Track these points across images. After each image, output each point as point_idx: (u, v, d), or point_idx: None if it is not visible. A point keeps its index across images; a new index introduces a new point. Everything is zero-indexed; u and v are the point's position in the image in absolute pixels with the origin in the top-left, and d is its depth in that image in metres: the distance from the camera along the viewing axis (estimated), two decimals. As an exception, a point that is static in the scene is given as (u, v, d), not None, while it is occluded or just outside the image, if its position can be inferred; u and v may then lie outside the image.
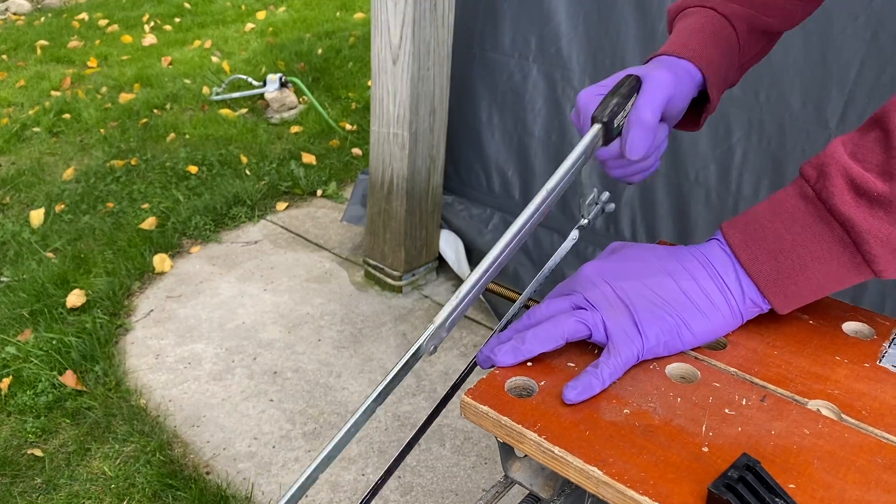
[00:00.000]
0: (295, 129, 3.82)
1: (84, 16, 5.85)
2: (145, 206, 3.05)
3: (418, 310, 2.52)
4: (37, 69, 4.68)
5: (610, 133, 0.73)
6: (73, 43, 5.20)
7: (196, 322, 2.42)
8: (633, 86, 0.74)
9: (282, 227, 2.99)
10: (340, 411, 2.08)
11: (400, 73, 2.27)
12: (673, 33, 0.85)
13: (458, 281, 2.64)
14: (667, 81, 0.74)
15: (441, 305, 2.53)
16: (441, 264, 2.69)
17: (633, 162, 0.78)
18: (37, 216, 2.96)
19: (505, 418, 0.62)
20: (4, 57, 4.95)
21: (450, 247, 2.64)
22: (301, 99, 4.12)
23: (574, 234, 0.87)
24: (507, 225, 2.56)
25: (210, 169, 3.37)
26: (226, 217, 3.00)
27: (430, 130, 2.40)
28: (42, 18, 5.93)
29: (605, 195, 0.87)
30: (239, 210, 3.04)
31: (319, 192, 3.22)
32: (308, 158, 3.46)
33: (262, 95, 4.08)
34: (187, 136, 3.73)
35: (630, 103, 0.74)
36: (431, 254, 2.64)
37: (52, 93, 4.28)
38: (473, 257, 2.65)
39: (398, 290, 2.58)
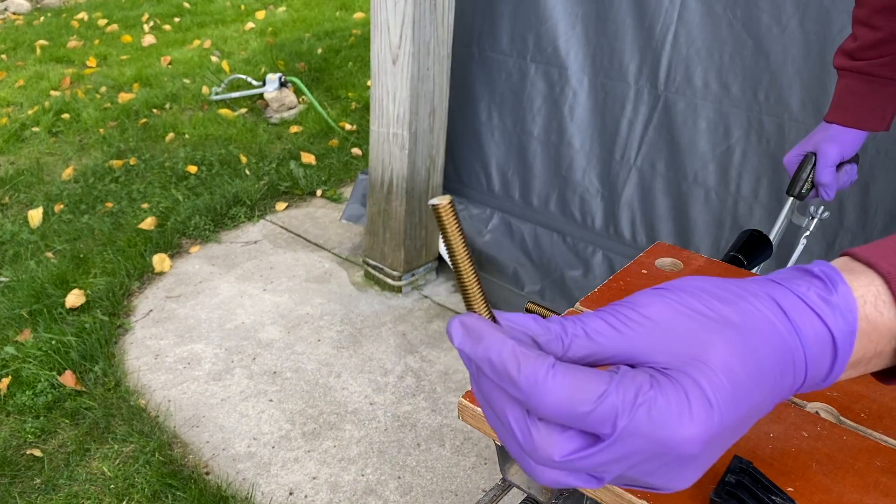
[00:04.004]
0: (294, 128, 3.81)
1: (83, 15, 5.85)
2: (145, 205, 3.05)
3: (418, 310, 2.51)
4: (36, 69, 4.67)
5: (802, 197, 1.24)
6: (73, 43, 5.19)
7: (195, 322, 2.42)
8: (812, 162, 1.20)
9: (281, 227, 2.99)
10: (340, 411, 2.08)
11: (400, 73, 2.27)
12: (836, 97, 1.19)
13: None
14: (834, 153, 1.18)
15: (441, 306, 2.53)
16: (441, 264, 2.69)
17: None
18: (36, 216, 2.96)
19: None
20: (4, 57, 4.95)
21: (449, 247, 2.63)
22: (301, 99, 4.12)
23: (802, 242, 1.33)
24: (507, 225, 2.56)
25: (209, 169, 3.37)
26: (225, 217, 3.00)
27: (430, 130, 2.40)
28: (41, 18, 5.93)
29: (822, 209, 1.32)
30: (238, 210, 3.03)
31: (319, 192, 3.22)
32: (308, 158, 3.45)
33: (261, 95, 4.08)
34: (187, 136, 3.73)
35: (810, 172, 1.21)
36: (431, 254, 2.64)
37: (52, 93, 4.27)
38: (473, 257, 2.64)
39: (398, 290, 2.58)
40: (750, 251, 1.07)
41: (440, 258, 2.67)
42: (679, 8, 2.02)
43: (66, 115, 3.94)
